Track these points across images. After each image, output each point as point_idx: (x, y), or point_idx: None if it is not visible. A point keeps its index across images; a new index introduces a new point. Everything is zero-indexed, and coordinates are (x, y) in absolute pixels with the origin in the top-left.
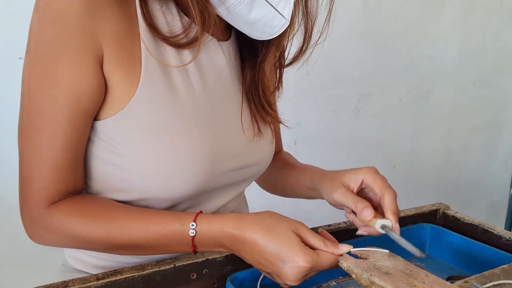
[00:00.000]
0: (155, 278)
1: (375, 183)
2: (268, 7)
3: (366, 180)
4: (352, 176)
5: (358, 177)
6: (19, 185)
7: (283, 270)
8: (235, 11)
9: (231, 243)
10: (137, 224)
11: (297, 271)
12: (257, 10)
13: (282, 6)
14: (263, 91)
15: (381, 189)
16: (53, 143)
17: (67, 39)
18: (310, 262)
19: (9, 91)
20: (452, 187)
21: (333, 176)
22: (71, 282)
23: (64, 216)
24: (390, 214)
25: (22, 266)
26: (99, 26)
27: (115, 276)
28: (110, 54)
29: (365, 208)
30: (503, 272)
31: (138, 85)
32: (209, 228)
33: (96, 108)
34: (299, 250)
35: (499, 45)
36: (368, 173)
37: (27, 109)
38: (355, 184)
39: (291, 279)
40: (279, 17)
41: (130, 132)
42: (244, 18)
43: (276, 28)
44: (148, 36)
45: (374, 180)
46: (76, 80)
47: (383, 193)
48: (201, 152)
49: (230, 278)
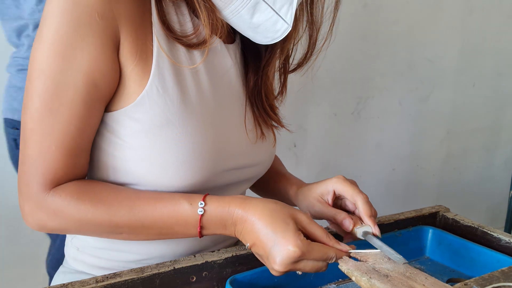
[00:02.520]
0: (154, 280)
1: (346, 191)
2: (271, 12)
3: (337, 190)
4: (323, 189)
5: (329, 189)
6: (20, 167)
7: (272, 252)
8: (239, 14)
9: (235, 222)
10: (145, 203)
11: (285, 255)
12: (260, 14)
13: (285, 12)
14: (266, 95)
15: (352, 197)
16: (68, 126)
17: (86, 20)
18: (300, 247)
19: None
20: (451, 189)
21: (306, 192)
22: (70, 285)
23: (71, 198)
24: (367, 218)
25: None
26: (117, 11)
27: (115, 279)
28: (126, 42)
29: (343, 220)
30: (503, 275)
31: (148, 78)
32: (217, 208)
33: (110, 95)
34: (292, 235)
35: (499, 47)
36: (337, 183)
37: (40, 91)
38: (328, 195)
39: (277, 262)
40: (281, 22)
41: (138, 124)
42: (247, 22)
43: (279, 33)
44: (160, 32)
45: (343, 188)
46: (95, 63)
47: (355, 199)
48: (202, 149)
49: (229, 281)
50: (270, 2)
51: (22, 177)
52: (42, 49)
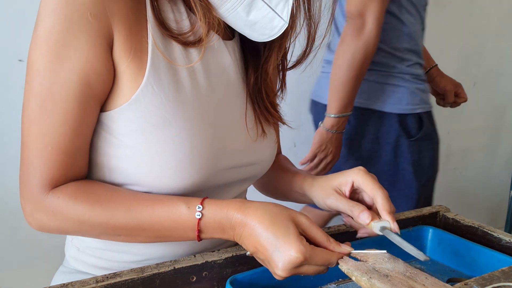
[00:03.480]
0: (154, 280)
1: (366, 184)
2: (267, 9)
3: (356, 182)
4: (342, 180)
5: (348, 180)
6: (20, 168)
7: (274, 257)
8: (235, 12)
9: (233, 227)
10: (143, 205)
11: (287, 260)
12: (256, 12)
13: (281, 8)
14: (267, 93)
15: (372, 191)
16: (62, 127)
17: (78, 19)
18: (302, 253)
19: (9, 93)
20: (452, 189)
21: (323, 182)
22: (70, 285)
23: (68, 198)
24: (386, 214)
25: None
26: (110, 9)
27: (115, 279)
28: (119, 40)
29: (361, 212)
30: (503, 275)
31: (143, 77)
32: (215, 212)
33: (105, 94)
34: (294, 240)
35: (499, 47)
36: (358, 174)
37: (36, 91)
38: (346, 187)
39: (279, 267)
40: (277, 19)
41: (134, 123)
42: (243, 20)
43: (275, 29)
44: (155, 30)
45: (364, 181)
46: (88, 62)
47: (374, 194)
48: (201, 147)
49: (230, 281)
50: None
51: (22, 177)
52: (36, 48)
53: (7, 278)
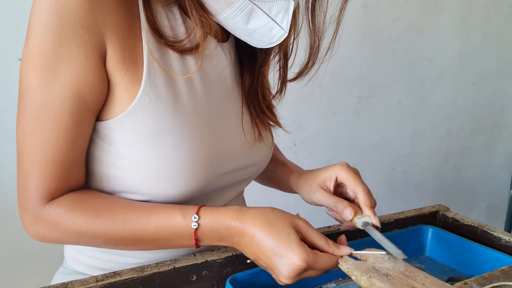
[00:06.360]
0: (154, 279)
1: (347, 180)
2: (267, 18)
3: (339, 177)
4: (326, 175)
5: (331, 175)
6: (17, 181)
7: (278, 266)
8: (233, 21)
9: (231, 235)
10: (139, 216)
11: (291, 268)
12: (255, 21)
13: (281, 18)
14: (263, 96)
15: (353, 186)
16: (57, 141)
17: (70, 33)
18: (305, 261)
19: (9, 93)
20: (451, 188)
21: (309, 178)
22: (70, 284)
23: (65, 211)
24: (367, 209)
25: (21, 267)
26: (102, 21)
27: (115, 278)
28: (112, 51)
29: (345, 208)
30: (503, 274)
31: (140, 87)
32: (211, 221)
33: (99, 106)
34: (297, 247)
35: (499, 46)
36: (340, 170)
37: (29, 105)
38: (330, 182)
39: (284, 275)
40: (277, 28)
41: (132, 133)
42: (242, 28)
43: (274, 38)
44: (150, 39)
45: (346, 176)
46: (81, 75)
47: (356, 190)
48: (200, 154)
49: (229, 280)
50: (265, 9)
51: (20, 189)
52: (28, 62)
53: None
